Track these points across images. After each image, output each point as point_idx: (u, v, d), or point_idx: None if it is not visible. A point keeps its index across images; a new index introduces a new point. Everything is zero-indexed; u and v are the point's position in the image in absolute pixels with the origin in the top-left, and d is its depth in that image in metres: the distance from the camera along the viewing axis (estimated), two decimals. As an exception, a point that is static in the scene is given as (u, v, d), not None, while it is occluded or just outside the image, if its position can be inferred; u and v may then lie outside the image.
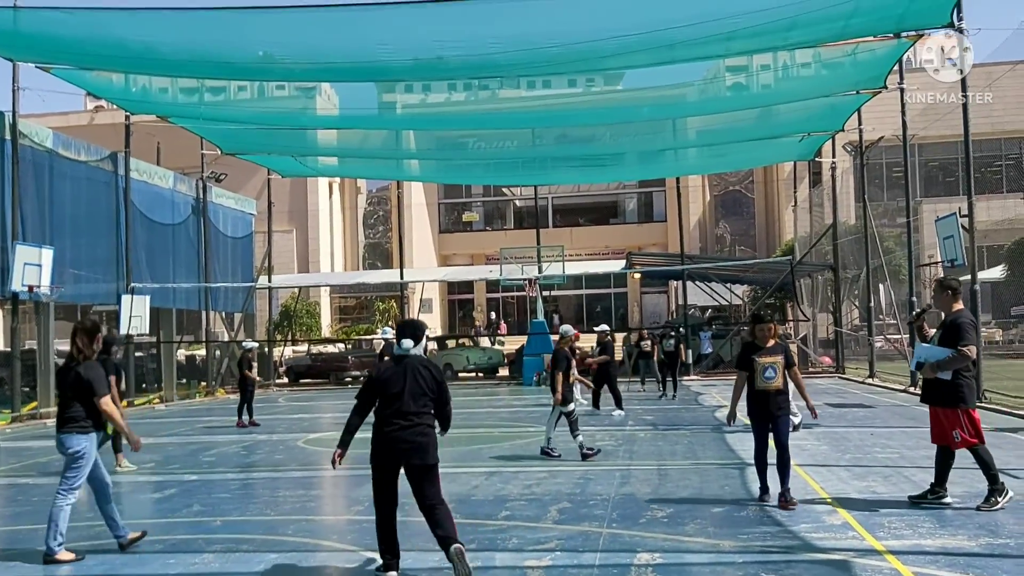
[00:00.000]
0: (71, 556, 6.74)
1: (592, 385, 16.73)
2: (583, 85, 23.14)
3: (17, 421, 19.13)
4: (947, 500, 7.81)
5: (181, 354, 30.62)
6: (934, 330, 8.20)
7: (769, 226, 46.36)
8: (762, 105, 21.06)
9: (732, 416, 8.72)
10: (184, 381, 28.36)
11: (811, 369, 27.89)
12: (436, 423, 6.10)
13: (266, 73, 17.86)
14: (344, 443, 6.15)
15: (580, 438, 11.24)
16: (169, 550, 7.14)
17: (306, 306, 38.56)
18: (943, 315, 8.04)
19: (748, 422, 8.27)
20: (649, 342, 21.49)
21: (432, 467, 5.98)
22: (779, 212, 43.57)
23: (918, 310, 9.98)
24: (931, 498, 7.85)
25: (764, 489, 8.15)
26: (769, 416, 7.99)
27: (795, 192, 35.82)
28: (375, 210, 50.74)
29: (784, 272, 28.98)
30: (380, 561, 6.09)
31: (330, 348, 35.14)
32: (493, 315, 45.23)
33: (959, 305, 7.94)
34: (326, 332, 40.22)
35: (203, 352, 30.80)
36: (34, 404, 20.48)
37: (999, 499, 7.56)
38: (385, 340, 16.94)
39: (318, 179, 40.53)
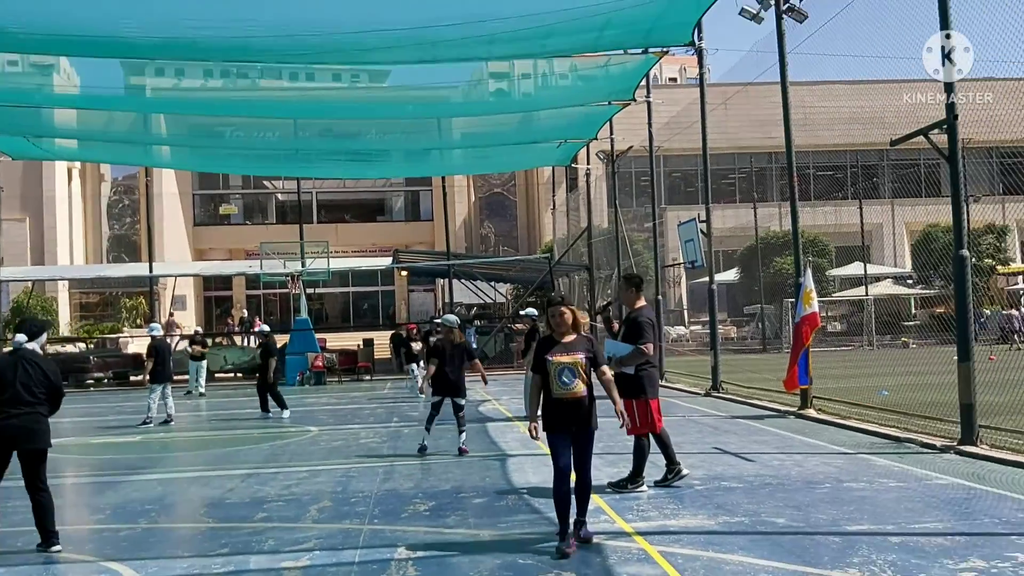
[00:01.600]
0: None
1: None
2: (348, 80, 22.80)
3: None
4: (685, 473, 8.51)
5: None
6: (618, 323, 8.76)
7: (531, 227, 48.04)
8: (522, 111, 21.74)
9: (533, 428, 6.54)
10: None
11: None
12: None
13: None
14: None
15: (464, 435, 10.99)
16: None
17: (41, 302, 35.20)
18: (627, 310, 8.54)
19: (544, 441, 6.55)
20: (418, 343, 21.19)
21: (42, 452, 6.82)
22: (539, 214, 45.24)
23: (603, 303, 10.65)
24: (670, 477, 8.42)
25: (564, 531, 6.18)
26: (571, 432, 6.30)
27: (554, 196, 37.39)
28: (121, 199, 47.22)
29: (544, 271, 30.13)
30: None
31: (69, 348, 32.24)
32: (245, 312, 43.44)
33: (641, 302, 8.42)
34: (65, 331, 36.89)
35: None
36: None
37: (629, 486, 8.24)
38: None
39: (55, 163, 37.10)
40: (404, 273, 38.80)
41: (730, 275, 39.72)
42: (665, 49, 16.02)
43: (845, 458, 9.80)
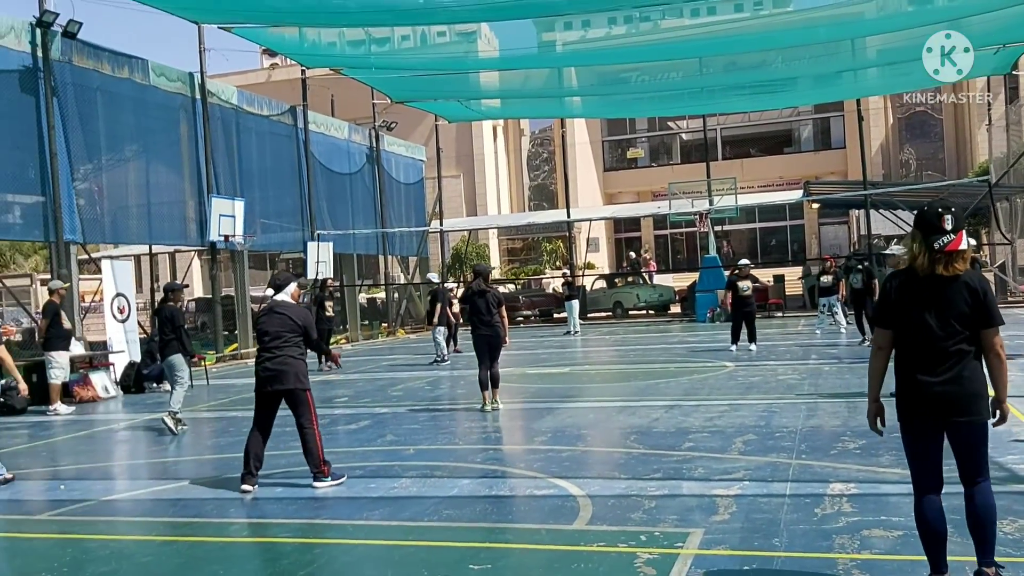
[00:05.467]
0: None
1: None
2: (751, 9, 22.12)
3: (220, 361, 20.73)
4: None
5: (363, 297, 32.12)
6: None
7: (960, 148, 43.04)
8: (949, 19, 19.42)
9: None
10: (367, 323, 29.76)
11: (1009, 299, 25.95)
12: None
13: (428, 16, 18.11)
14: None
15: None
16: (368, 475, 7.59)
17: (476, 248, 39.40)
18: None
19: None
20: (831, 276, 19.69)
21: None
22: (972, 132, 40.31)
23: None
24: None
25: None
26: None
27: (989, 110, 32.99)
28: (539, 151, 50.78)
29: (980, 195, 26.91)
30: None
31: (501, 289, 35.82)
32: (633, 255, 44.51)
33: None
34: (496, 274, 40.97)
35: (383, 295, 32.16)
36: (235, 346, 22.12)
37: None
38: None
39: (482, 124, 40.95)
40: (815, 206, 37.05)
41: None
42: None
43: None
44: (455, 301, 18.41)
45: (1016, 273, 29.12)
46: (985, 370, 4.16)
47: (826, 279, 19.55)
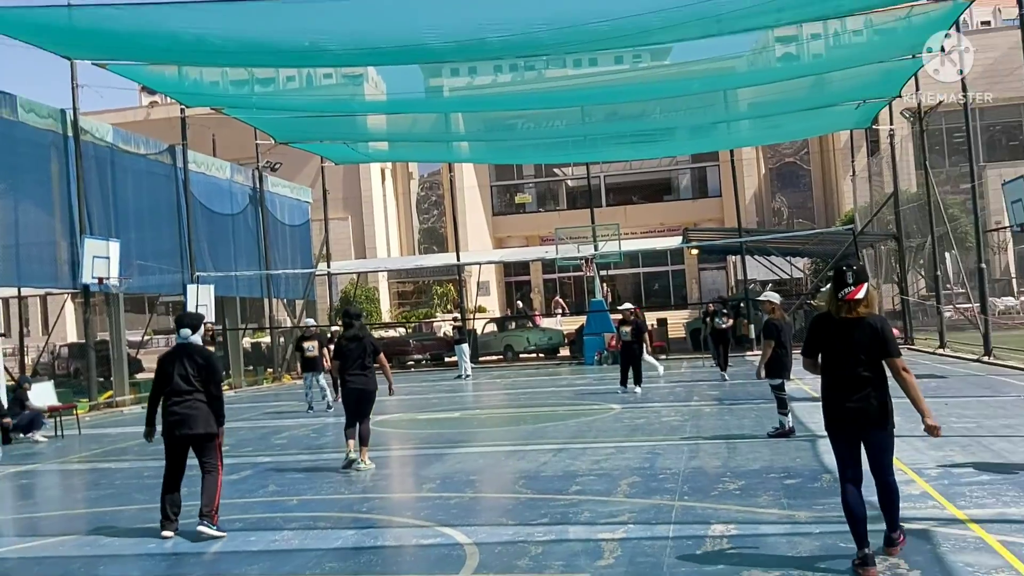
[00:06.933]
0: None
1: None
2: (630, 61, 22.90)
3: (95, 410, 19.71)
4: None
5: (246, 342, 31.21)
6: None
7: (827, 197, 45.46)
8: (814, 73, 20.65)
9: None
10: (251, 368, 28.91)
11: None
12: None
13: (313, 59, 18.05)
14: None
15: None
16: (249, 528, 7.32)
17: (365, 292, 38.98)
18: None
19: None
20: (726, 318, 19.94)
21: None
22: (837, 182, 42.68)
23: None
24: None
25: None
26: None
27: (853, 161, 35.04)
28: (428, 195, 50.93)
29: (845, 243, 28.41)
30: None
31: (391, 332, 35.46)
32: (559, 298, 45.21)
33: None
34: (386, 317, 40.60)
35: (267, 339, 31.34)
36: (109, 393, 21.09)
37: None
38: None
39: (370, 165, 40.82)
40: (694, 252, 38.32)
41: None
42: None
43: None
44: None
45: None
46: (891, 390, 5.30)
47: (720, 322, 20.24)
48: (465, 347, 24.66)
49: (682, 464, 9.01)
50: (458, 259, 32.00)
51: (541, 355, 31.60)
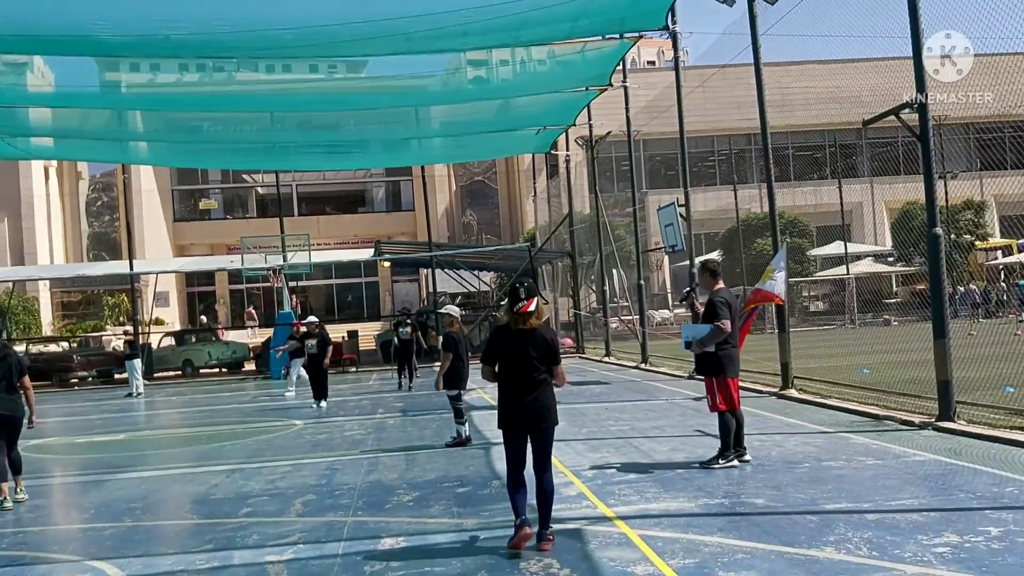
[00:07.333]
0: None
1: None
2: (325, 71, 22.68)
3: None
4: (747, 458, 8.45)
5: None
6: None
7: (512, 215, 48.03)
8: (501, 97, 21.71)
9: None
10: None
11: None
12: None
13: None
14: None
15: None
16: None
17: (23, 302, 34.97)
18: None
19: None
20: (409, 329, 20.54)
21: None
22: (521, 202, 45.24)
23: (687, 289, 10.98)
24: (732, 456, 8.38)
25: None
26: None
27: (534, 183, 37.34)
28: (100, 197, 46.91)
29: (526, 259, 30.16)
30: None
31: (52, 347, 32.06)
32: (252, 309, 43.47)
33: (719, 285, 8.68)
34: (47, 330, 36.68)
35: None
36: None
37: (720, 461, 8.34)
38: None
39: (31, 163, 36.80)
40: (387, 264, 38.76)
41: (712, 256, 39.86)
42: (640, 34, 16.06)
43: (825, 437, 9.91)
44: None
45: (559, 328, 32.98)
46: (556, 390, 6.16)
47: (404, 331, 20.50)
48: (137, 362, 22.95)
49: (359, 478, 8.99)
50: (131, 267, 29.65)
51: (224, 370, 30.20)
